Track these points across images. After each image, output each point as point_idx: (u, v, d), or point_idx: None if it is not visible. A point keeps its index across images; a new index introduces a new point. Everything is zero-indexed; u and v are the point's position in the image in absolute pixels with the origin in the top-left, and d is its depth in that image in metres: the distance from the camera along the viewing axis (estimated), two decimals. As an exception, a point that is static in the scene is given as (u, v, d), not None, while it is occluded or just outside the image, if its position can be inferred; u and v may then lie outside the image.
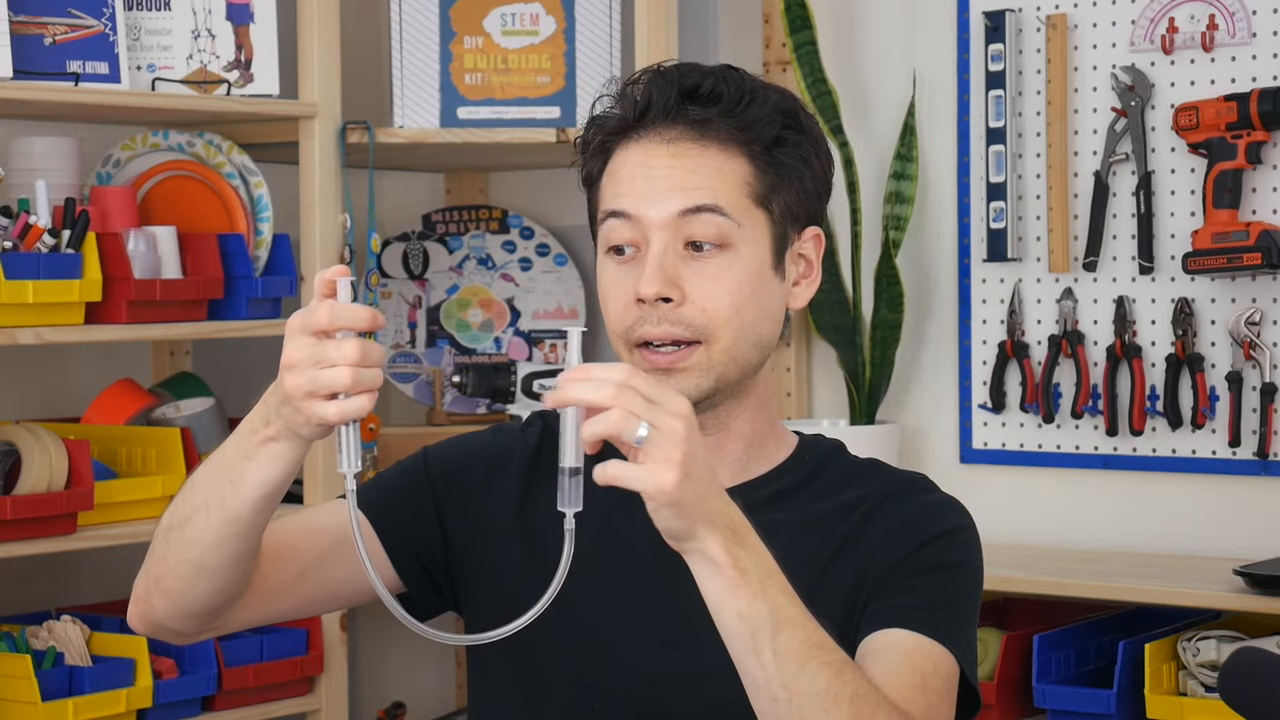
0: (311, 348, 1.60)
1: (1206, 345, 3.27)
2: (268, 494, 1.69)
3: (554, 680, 1.83)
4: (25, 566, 3.12)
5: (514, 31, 3.43)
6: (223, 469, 1.70)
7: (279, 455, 1.67)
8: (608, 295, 1.83)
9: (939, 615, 1.77)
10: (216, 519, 1.70)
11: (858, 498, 1.86)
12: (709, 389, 1.81)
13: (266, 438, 1.66)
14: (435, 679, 3.88)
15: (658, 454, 1.55)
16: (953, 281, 3.53)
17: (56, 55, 2.97)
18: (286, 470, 1.68)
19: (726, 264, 1.81)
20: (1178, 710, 2.97)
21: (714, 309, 1.80)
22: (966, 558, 1.85)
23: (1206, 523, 3.29)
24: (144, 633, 1.83)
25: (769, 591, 1.60)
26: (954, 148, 3.52)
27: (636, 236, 1.81)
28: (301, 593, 1.85)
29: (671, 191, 1.80)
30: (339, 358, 1.59)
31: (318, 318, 1.60)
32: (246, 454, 1.68)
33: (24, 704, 2.81)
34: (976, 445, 3.50)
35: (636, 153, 1.82)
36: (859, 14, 3.63)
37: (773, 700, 1.60)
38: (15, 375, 3.29)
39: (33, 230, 2.85)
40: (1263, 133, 3.16)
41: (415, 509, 1.90)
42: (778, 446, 1.91)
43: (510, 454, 1.92)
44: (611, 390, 1.55)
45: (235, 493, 1.69)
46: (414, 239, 3.79)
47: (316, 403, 1.60)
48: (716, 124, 1.81)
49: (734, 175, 1.81)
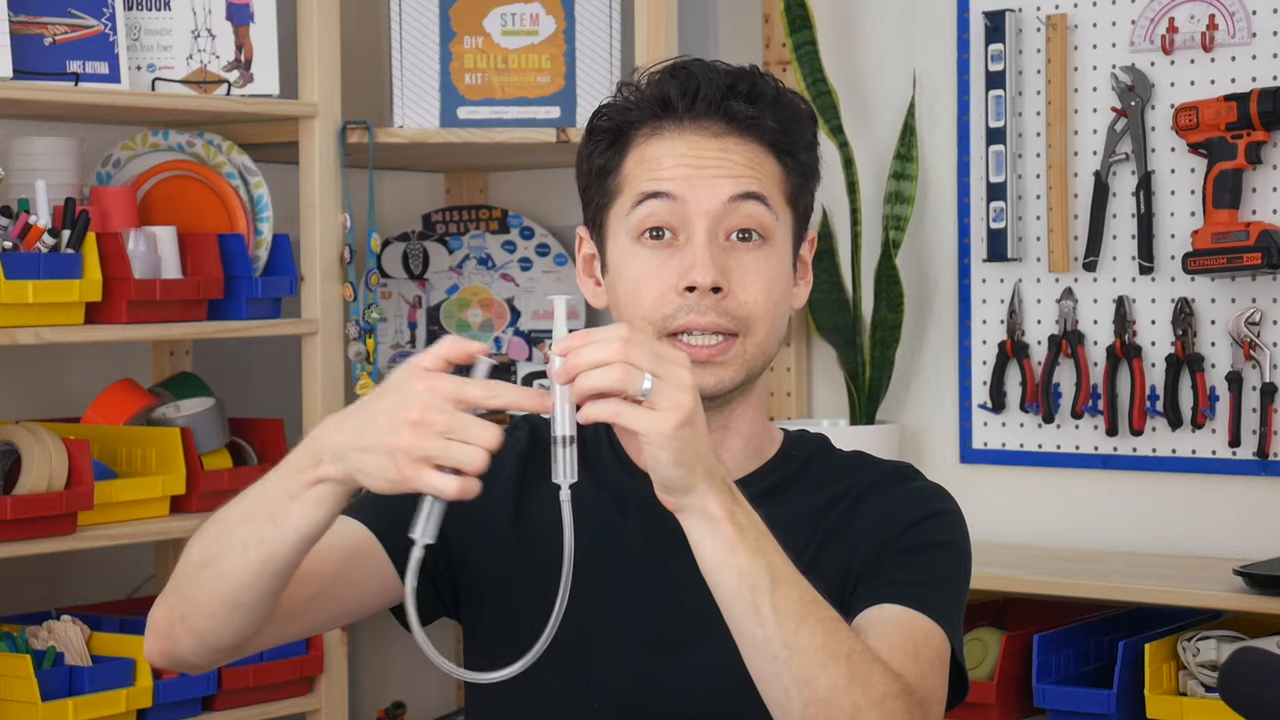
0: (454, 417, 1.55)
1: (1206, 345, 3.27)
2: (310, 536, 1.65)
3: (551, 682, 1.83)
4: (25, 566, 3.12)
5: (514, 31, 3.43)
6: (263, 507, 1.65)
7: (326, 498, 1.62)
8: (642, 282, 1.81)
9: (929, 591, 1.78)
10: (254, 558, 1.65)
11: (844, 489, 1.87)
12: (740, 382, 1.83)
13: (316, 479, 1.62)
14: (435, 679, 3.88)
15: (665, 401, 1.55)
16: (953, 281, 3.53)
17: (56, 55, 2.97)
18: (330, 515, 1.64)
19: (765, 256, 1.82)
20: (1178, 710, 2.97)
21: (754, 301, 1.81)
22: (954, 539, 1.85)
23: (1206, 523, 3.29)
24: (162, 666, 1.78)
25: (765, 549, 1.60)
26: (954, 148, 3.52)
27: (676, 221, 1.80)
28: (316, 612, 1.82)
29: (721, 179, 1.80)
30: (480, 439, 1.55)
31: (473, 392, 1.55)
32: (290, 494, 1.63)
33: (24, 704, 2.81)
34: (976, 445, 3.51)
35: (679, 142, 1.82)
36: (859, 14, 3.63)
37: (772, 659, 1.60)
38: (15, 375, 3.29)
39: (33, 230, 2.85)
40: (1263, 133, 3.16)
41: (409, 509, 1.89)
42: (769, 443, 1.92)
43: (501, 458, 1.91)
44: (616, 346, 1.55)
45: (277, 533, 1.64)
46: (414, 239, 3.79)
47: (429, 471, 1.55)
48: (760, 123, 1.82)
49: (771, 172, 1.83)
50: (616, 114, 1.86)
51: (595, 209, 1.88)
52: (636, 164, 1.83)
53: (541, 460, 1.88)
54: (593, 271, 1.92)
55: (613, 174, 1.85)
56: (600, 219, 1.87)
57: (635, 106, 1.84)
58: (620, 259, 1.84)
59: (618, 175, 1.85)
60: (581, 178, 1.89)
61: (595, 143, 1.87)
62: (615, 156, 1.85)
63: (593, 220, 1.89)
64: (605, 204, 1.86)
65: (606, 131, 1.86)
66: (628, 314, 1.83)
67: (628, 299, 1.83)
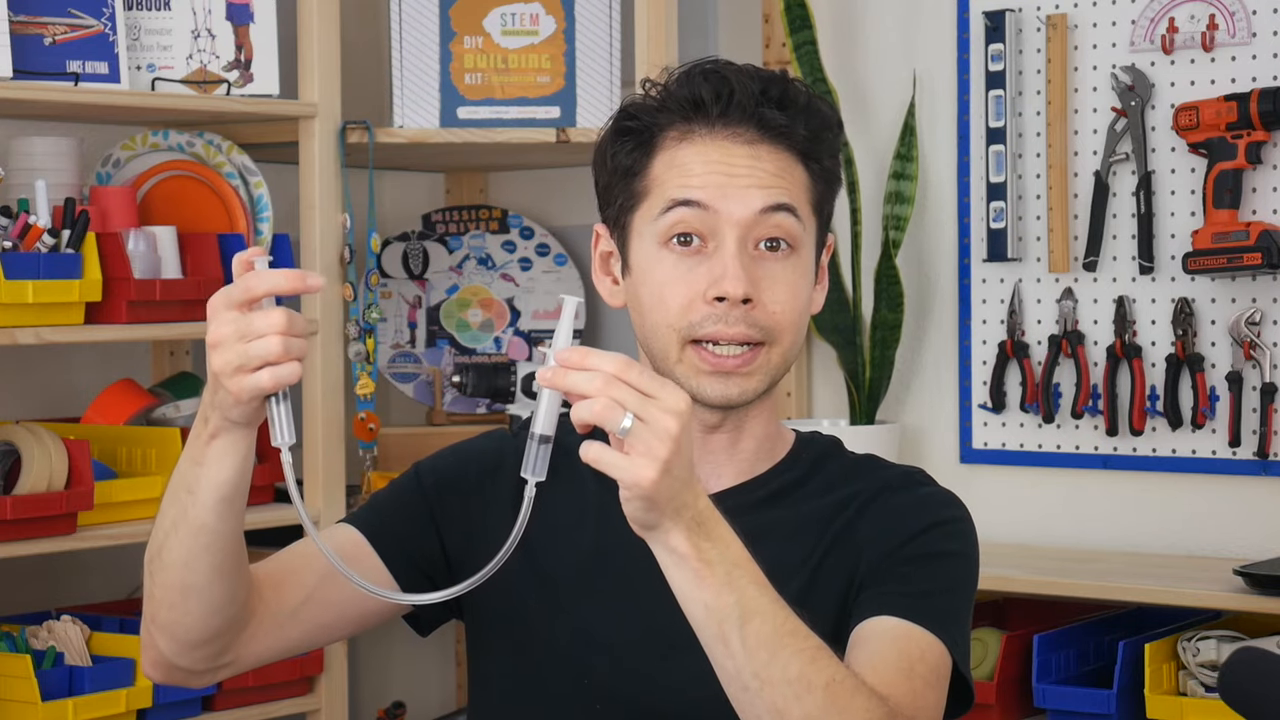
0: (236, 321, 1.57)
1: (1206, 345, 3.27)
2: (225, 495, 1.66)
3: (554, 683, 1.83)
4: (25, 566, 3.12)
5: (514, 31, 3.43)
6: (179, 482, 1.68)
7: (225, 451, 1.64)
8: (667, 287, 1.80)
9: (930, 603, 1.77)
10: (185, 534, 1.67)
11: (852, 493, 1.86)
12: (762, 391, 1.82)
13: (208, 436, 1.64)
14: (435, 679, 3.88)
15: (641, 447, 1.54)
16: (953, 281, 3.53)
17: (56, 55, 2.97)
18: (237, 466, 1.65)
19: (792, 267, 1.81)
20: (1178, 710, 2.97)
21: (781, 312, 1.80)
22: (961, 548, 1.84)
23: (1206, 523, 3.29)
24: (159, 680, 1.80)
25: (737, 582, 1.59)
26: (954, 148, 3.52)
27: (705, 229, 1.79)
28: (308, 618, 1.82)
29: (753, 189, 1.80)
30: (266, 327, 1.56)
31: (233, 292, 1.57)
32: (195, 460, 1.65)
33: (24, 704, 2.81)
34: (976, 445, 3.51)
35: (711, 148, 1.80)
36: (859, 14, 3.63)
37: (744, 689, 1.60)
38: (15, 375, 3.29)
39: (33, 230, 2.85)
40: (1263, 133, 3.16)
41: (412, 522, 1.89)
42: (779, 444, 1.91)
43: (501, 458, 1.91)
44: (599, 382, 1.54)
45: (195, 502, 1.66)
46: (414, 239, 3.79)
47: (247, 376, 1.57)
48: (791, 131, 1.81)
49: (799, 180, 1.83)
50: (645, 113, 1.83)
51: (619, 209, 1.85)
52: (666, 168, 1.81)
53: None
54: (610, 270, 1.90)
55: (639, 175, 1.83)
56: (624, 219, 1.85)
57: (664, 107, 1.82)
58: (645, 262, 1.82)
59: (645, 177, 1.83)
60: (603, 175, 1.87)
61: (622, 142, 1.84)
62: (643, 157, 1.83)
63: (614, 220, 1.87)
64: (630, 205, 1.84)
65: (634, 131, 1.84)
66: (651, 319, 1.82)
67: (652, 303, 1.82)
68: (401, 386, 3.76)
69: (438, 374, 3.72)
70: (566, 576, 1.83)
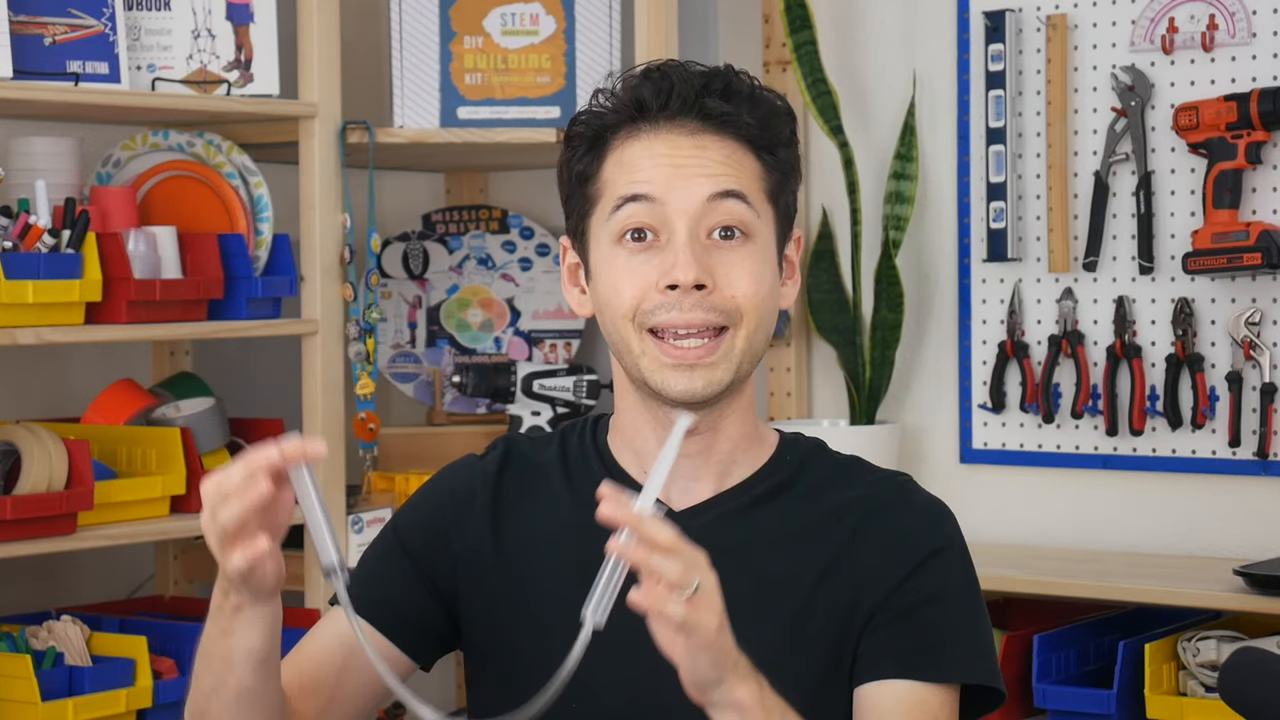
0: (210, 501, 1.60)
1: (1206, 345, 3.27)
2: (262, 658, 1.69)
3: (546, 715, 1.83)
4: (25, 566, 3.12)
5: (514, 31, 3.43)
6: (213, 651, 1.71)
7: (252, 621, 1.67)
8: (620, 282, 1.81)
9: (935, 656, 1.79)
10: (229, 699, 1.71)
11: (843, 505, 1.85)
12: (729, 382, 1.81)
13: (233, 609, 1.67)
14: (435, 679, 3.88)
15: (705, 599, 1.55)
16: (953, 281, 3.53)
17: (56, 55, 2.97)
18: (267, 632, 1.69)
19: (749, 253, 1.81)
20: (1178, 710, 2.97)
21: (742, 295, 1.80)
22: (955, 581, 1.84)
23: (1206, 523, 3.29)
24: None
25: None
26: (954, 148, 3.52)
27: (656, 222, 1.80)
28: (337, 713, 1.86)
29: (699, 178, 1.80)
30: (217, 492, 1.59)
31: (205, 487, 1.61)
32: (224, 630, 1.69)
33: (24, 704, 2.81)
34: (976, 445, 3.51)
35: (657, 143, 1.81)
36: (859, 14, 3.63)
37: None
38: (15, 375, 3.29)
39: (33, 230, 2.85)
40: (1263, 133, 3.16)
41: (400, 583, 1.90)
42: (760, 447, 1.90)
43: (471, 491, 1.91)
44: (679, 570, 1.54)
45: (231, 670, 1.70)
46: (414, 239, 3.79)
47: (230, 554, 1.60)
48: (736, 120, 1.81)
49: (750, 169, 1.83)
50: (593, 119, 1.85)
51: (577, 217, 1.87)
52: (615, 167, 1.83)
53: (515, 477, 1.90)
54: (578, 280, 1.91)
55: (592, 179, 1.84)
56: (582, 226, 1.86)
57: (611, 111, 1.84)
58: (603, 262, 1.83)
59: (597, 180, 1.84)
60: (563, 187, 1.88)
61: (574, 150, 1.86)
62: (594, 162, 1.84)
63: (575, 229, 1.88)
64: (586, 210, 1.85)
65: (584, 138, 1.85)
66: (608, 314, 1.83)
67: (608, 298, 1.82)
68: (401, 386, 3.76)
69: (438, 374, 3.72)
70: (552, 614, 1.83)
